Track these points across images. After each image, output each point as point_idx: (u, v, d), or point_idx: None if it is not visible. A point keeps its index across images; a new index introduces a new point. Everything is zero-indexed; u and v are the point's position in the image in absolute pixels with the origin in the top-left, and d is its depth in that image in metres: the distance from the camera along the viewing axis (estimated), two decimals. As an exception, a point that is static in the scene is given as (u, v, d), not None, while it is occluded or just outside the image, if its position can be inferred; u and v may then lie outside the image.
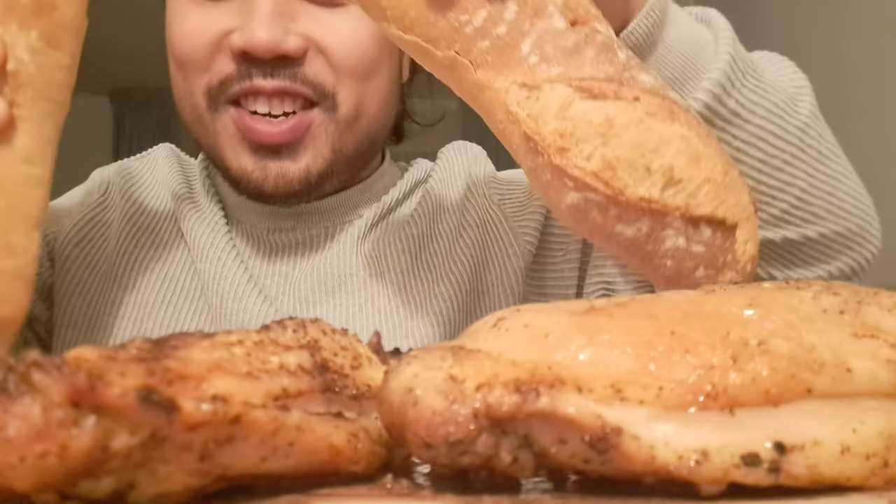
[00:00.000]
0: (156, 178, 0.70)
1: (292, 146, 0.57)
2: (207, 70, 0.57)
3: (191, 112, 0.60)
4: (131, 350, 0.25)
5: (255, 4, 0.55)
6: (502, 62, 0.35)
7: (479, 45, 0.36)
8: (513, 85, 0.36)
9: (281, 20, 0.55)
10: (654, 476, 0.25)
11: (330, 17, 0.57)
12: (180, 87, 0.60)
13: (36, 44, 0.40)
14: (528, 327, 0.28)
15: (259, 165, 0.57)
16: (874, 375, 0.27)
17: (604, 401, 0.25)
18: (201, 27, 0.57)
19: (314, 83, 0.56)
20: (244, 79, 0.56)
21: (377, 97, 0.61)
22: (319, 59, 0.56)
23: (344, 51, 0.57)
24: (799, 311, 0.29)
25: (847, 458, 0.25)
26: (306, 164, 0.58)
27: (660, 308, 0.29)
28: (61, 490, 0.22)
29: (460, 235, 0.67)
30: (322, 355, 0.30)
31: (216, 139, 0.59)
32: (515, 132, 0.36)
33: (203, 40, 0.57)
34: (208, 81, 0.57)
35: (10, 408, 0.21)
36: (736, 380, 0.26)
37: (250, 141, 0.57)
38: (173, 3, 0.59)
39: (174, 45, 0.59)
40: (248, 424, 0.25)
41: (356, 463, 0.28)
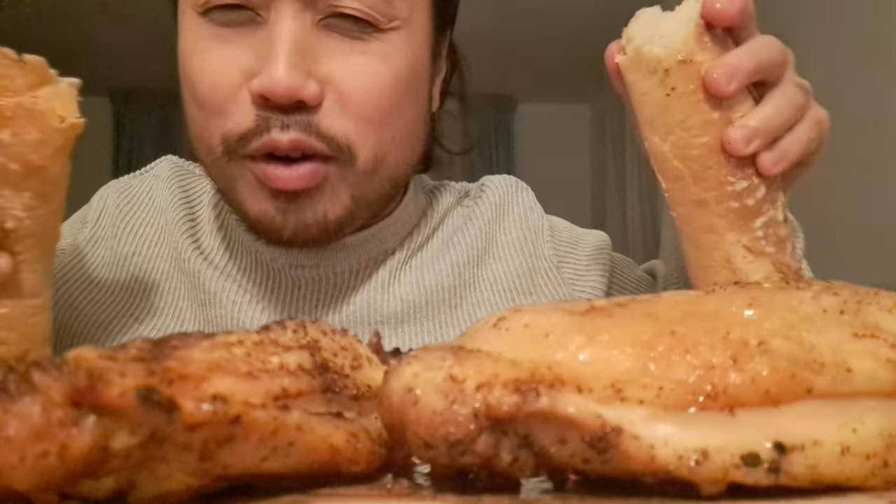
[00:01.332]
0: (156, 208, 0.67)
1: (310, 192, 0.54)
2: (226, 116, 0.54)
3: (207, 153, 0.56)
4: (131, 350, 0.25)
5: (276, 41, 0.51)
6: (738, 224, 0.42)
7: (730, 203, 0.42)
8: (738, 244, 0.42)
9: (302, 60, 0.51)
10: (654, 476, 0.25)
11: (351, 55, 0.54)
12: (198, 125, 0.56)
13: (30, 202, 0.43)
14: (528, 327, 0.28)
15: (279, 209, 0.55)
16: (874, 375, 0.27)
17: (604, 401, 0.25)
18: (222, 67, 0.53)
19: (328, 137, 0.53)
20: (262, 133, 0.52)
21: (397, 142, 0.57)
22: (336, 108, 0.53)
23: (362, 97, 0.54)
24: (799, 311, 0.29)
25: (847, 458, 0.25)
26: (324, 210, 0.55)
27: (660, 308, 0.29)
28: (61, 490, 0.22)
29: (509, 292, 0.64)
30: (322, 356, 0.30)
31: (233, 184, 0.56)
32: (725, 276, 0.42)
33: (224, 81, 0.53)
34: (226, 132, 0.54)
35: (11, 407, 0.21)
36: (736, 380, 0.26)
37: (269, 188, 0.54)
38: (189, 32, 0.55)
39: (193, 84, 0.55)
40: (248, 424, 0.25)
41: (356, 463, 0.28)
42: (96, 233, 0.66)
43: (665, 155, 0.42)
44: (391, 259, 0.64)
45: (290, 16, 0.52)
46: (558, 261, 0.66)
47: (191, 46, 0.55)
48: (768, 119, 0.41)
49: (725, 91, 0.40)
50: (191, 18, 0.55)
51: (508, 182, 0.71)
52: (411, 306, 0.62)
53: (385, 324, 0.62)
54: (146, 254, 0.64)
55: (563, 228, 0.70)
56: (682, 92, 0.41)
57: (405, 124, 0.57)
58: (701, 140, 0.41)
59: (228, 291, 0.61)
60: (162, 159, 0.71)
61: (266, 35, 0.52)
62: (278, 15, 0.52)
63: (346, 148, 0.54)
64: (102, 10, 3.09)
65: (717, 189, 0.41)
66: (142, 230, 0.65)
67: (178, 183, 0.68)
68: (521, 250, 0.66)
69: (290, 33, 0.51)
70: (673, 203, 0.44)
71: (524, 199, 0.70)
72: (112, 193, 0.68)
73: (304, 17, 0.52)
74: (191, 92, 0.55)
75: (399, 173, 0.60)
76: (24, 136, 0.42)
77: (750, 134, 0.41)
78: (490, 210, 0.68)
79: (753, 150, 0.41)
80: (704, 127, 0.41)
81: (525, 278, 0.65)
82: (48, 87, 0.44)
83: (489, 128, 4.38)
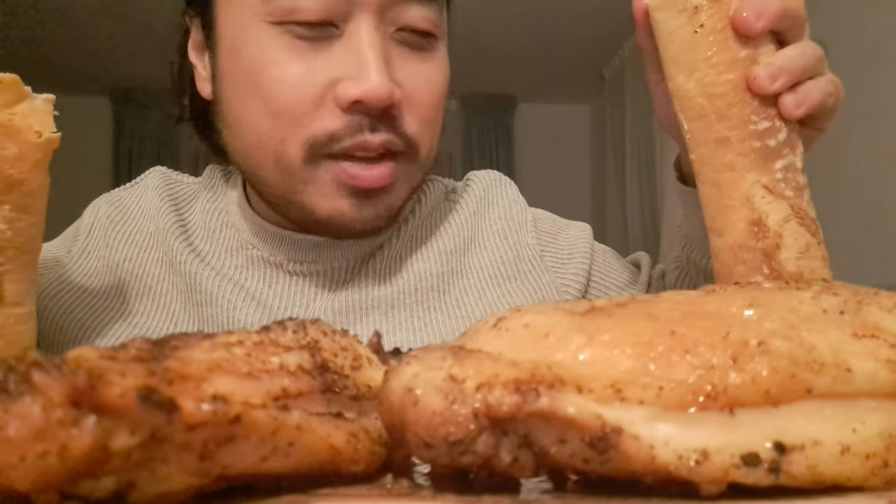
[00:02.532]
0: (145, 215, 0.68)
1: (387, 189, 0.58)
2: (310, 123, 0.55)
3: (277, 160, 0.57)
4: (131, 350, 0.25)
5: (366, 50, 0.54)
6: (759, 164, 0.42)
7: (752, 142, 0.42)
8: (758, 183, 0.42)
9: (388, 68, 0.55)
10: (654, 476, 0.25)
11: (417, 64, 0.58)
12: (268, 134, 0.56)
13: (10, 214, 0.45)
14: (528, 327, 0.28)
15: (356, 206, 0.57)
16: (874, 375, 0.27)
17: (604, 401, 0.25)
18: (304, 77, 0.55)
19: (407, 137, 0.57)
20: (355, 133, 0.55)
21: (438, 136, 0.63)
22: (407, 109, 0.57)
23: (430, 102, 0.59)
24: (799, 311, 0.29)
25: (847, 458, 0.25)
26: (391, 203, 0.59)
27: (660, 308, 0.29)
28: (61, 490, 0.22)
29: (495, 279, 0.67)
30: (322, 356, 0.30)
31: (305, 187, 0.57)
32: (744, 214, 0.43)
33: (308, 91, 0.54)
34: (311, 136, 0.55)
35: (11, 408, 0.21)
36: (736, 380, 0.26)
37: (352, 186, 0.56)
38: (260, 43, 0.56)
39: (269, 94, 0.55)
40: (248, 424, 0.25)
41: (356, 463, 0.28)
42: (88, 244, 0.67)
43: (689, 93, 0.43)
44: (382, 251, 0.66)
45: (372, 27, 0.55)
46: (541, 249, 0.69)
47: (264, 58, 0.56)
48: (793, 59, 0.43)
49: (753, 28, 0.42)
50: (260, 29, 0.56)
51: (492, 176, 0.75)
52: (401, 292, 0.64)
53: (376, 309, 0.63)
54: (137, 259, 0.66)
55: (546, 219, 0.73)
56: (710, 29, 0.42)
57: (441, 118, 0.63)
58: (726, 77, 0.42)
59: (224, 290, 0.62)
60: (151, 170, 0.73)
61: (350, 46, 0.55)
62: (359, 27, 0.55)
63: (415, 146, 0.58)
64: (102, 11, 3.09)
65: (739, 127, 0.42)
66: (132, 237, 0.67)
67: (166, 191, 0.70)
68: (505, 239, 0.69)
69: (378, 43, 0.55)
70: (693, 143, 0.44)
71: (508, 191, 0.73)
72: (103, 206, 0.70)
73: (381, 29, 0.56)
74: (264, 102, 0.56)
75: (431, 163, 0.64)
76: (2, 151, 0.44)
77: (776, 72, 0.42)
78: (475, 202, 0.72)
79: (778, 88, 0.42)
80: (731, 65, 0.42)
81: (510, 265, 0.68)
82: (24, 103, 0.45)
83: (489, 128, 4.38)
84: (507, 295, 0.66)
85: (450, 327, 0.64)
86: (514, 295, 0.66)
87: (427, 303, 0.65)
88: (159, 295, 0.64)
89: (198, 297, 0.63)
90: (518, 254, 0.68)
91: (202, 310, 0.63)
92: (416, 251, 0.67)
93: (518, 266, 0.68)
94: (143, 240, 0.67)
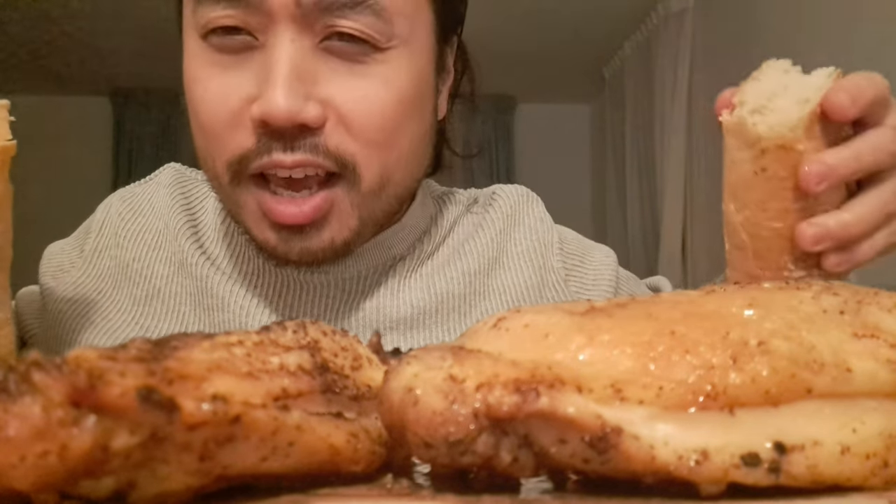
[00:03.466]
0: (155, 213, 0.67)
1: (316, 224, 0.54)
2: (228, 142, 0.53)
3: (213, 179, 0.57)
4: (131, 350, 0.25)
5: (274, 65, 0.51)
6: None
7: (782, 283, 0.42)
8: None
9: (301, 84, 0.51)
10: (654, 476, 0.25)
11: (351, 78, 0.53)
12: (202, 150, 0.56)
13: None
14: (528, 327, 0.28)
15: (282, 241, 0.54)
16: (874, 375, 0.27)
17: (604, 401, 0.25)
18: (222, 95, 0.53)
19: (336, 155, 0.53)
20: (263, 154, 0.52)
21: (403, 161, 0.57)
22: (339, 129, 0.53)
23: (365, 120, 0.53)
24: (799, 311, 0.29)
25: (847, 458, 0.25)
26: (331, 237, 0.55)
27: (660, 308, 0.29)
28: (61, 490, 0.22)
29: (518, 302, 0.64)
30: (322, 356, 0.30)
31: (239, 210, 0.56)
32: None
33: (225, 109, 0.53)
34: (229, 156, 0.54)
35: (11, 407, 0.21)
36: (736, 380, 0.26)
37: (270, 220, 0.54)
38: (192, 58, 0.55)
39: (196, 112, 0.54)
40: (248, 424, 0.25)
41: (356, 463, 0.28)
42: (100, 242, 0.66)
43: (735, 225, 0.42)
44: (400, 265, 0.63)
45: (287, 39, 0.51)
46: (566, 273, 0.66)
47: (193, 73, 0.55)
48: (846, 226, 0.40)
49: (814, 190, 0.39)
50: (193, 43, 0.55)
51: (520, 192, 0.71)
52: (421, 312, 0.62)
53: (395, 329, 0.61)
54: (146, 259, 0.64)
55: (572, 240, 0.70)
56: (771, 175, 0.40)
57: (410, 143, 0.57)
58: (773, 225, 0.41)
59: (237, 296, 0.61)
60: (165, 167, 0.71)
61: (264, 60, 0.52)
62: (276, 39, 0.51)
63: (351, 167, 0.53)
64: (102, 11, 3.09)
65: (773, 271, 0.42)
66: (141, 236, 0.66)
67: (179, 189, 0.68)
68: (530, 262, 0.66)
69: (288, 57, 0.51)
70: (730, 263, 0.44)
71: (535, 210, 0.70)
72: (115, 202, 0.69)
73: (303, 40, 0.51)
74: (194, 119, 0.55)
75: (405, 190, 0.59)
76: None
77: (822, 235, 0.40)
78: (501, 220, 0.68)
79: (821, 249, 0.40)
80: (781, 214, 0.41)
81: (534, 290, 0.65)
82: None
83: (489, 128, 4.38)
84: None
85: None
86: None
87: (448, 324, 0.62)
88: (168, 297, 0.63)
89: (209, 301, 0.62)
90: (542, 278, 0.66)
91: (213, 315, 0.61)
92: (438, 269, 0.64)
93: (542, 291, 0.65)
94: (152, 238, 0.65)
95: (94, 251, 0.66)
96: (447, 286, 0.63)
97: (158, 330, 0.62)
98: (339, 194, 0.54)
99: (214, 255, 0.64)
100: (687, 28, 2.96)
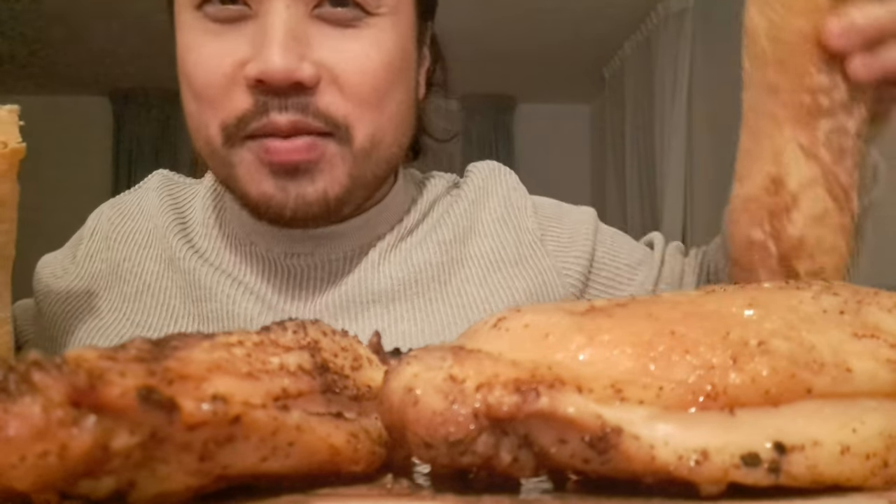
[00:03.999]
0: (144, 215, 0.69)
1: (309, 167, 0.56)
2: (224, 105, 0.55)
3: (205, 145, 0.58)
4: (131, 350, 0.25)
5: (269, 29, 0.53)
6: (802, 120, 0.40)
7: (802, 96, 0.40)
8: (794, 141, 0.40)
9: (297, 45, 0.53)
10: (654, 476, 0.25)
11: (343, 41, 0.55)
12: (195, 118, 0.58)
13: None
14: (528, 327, 0.28)
15: (279, 188, 0.56)
16: (874, 375, 0.27)
17: (604, 401, 0.25)
18: (217, 58, 0.55)
19: (326, 115, 0.55)
20: (261, 115, 0.54)
21: (393, 124, 0.59)
22: (332, 89, 0.55)
23: (357, 79, 0.55)
24: (799, 311, 0.29)
25: (847, 458, 0.25)
26: (324, 187, 0.56)
27: (660, 308, 0.29)
28: (61, 490, 0.22)
29: (495, 264, 0.66)
30: (322, 356, 0.30)
31: (233, 170, 0.57)
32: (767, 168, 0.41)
33: (219, 72, 0.55)
34: (224, 118, 0.55)
35: (11, 407, 0.21)
36: (736, 380, 0.26)
37: (269, 163, 0.55)
38: (186, 29, 0.57)
39: (189, 77, 0.56)
40: (248, 424, 0.25)
41: (356, 463, 0.28)
42: (91, 247, 0.68)
43: (757, 30, 0.40)
44: (381, 242, 0.65)
45: (283, 6, 0.53)
46: (541, 234, 0.68)
47: (187, 42, 0.57)
48: (876, 20, 0.39)
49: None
50: (187, 15, 0.56)
51: (491, 166, 0.73)
52: (401, 284, 0.64)
53: (376, 302, 0.63)
54: (136, 258, 0.66)
55: (547, 205, 0.72)
56: None
57: (398, 107, 0.59)
58: (797, 23, 0.39)
59: (223, 286, 0.63)
60: (154, 174, 0.74)
61: (259, 25, 0.54)
62: (271, 6, 0.53)
63: (343, 127, 0.56)
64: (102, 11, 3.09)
65: (794, 78, 0.39)
66: (131, 237, 0.68)
67: (167, 192, 0.70)
68: (504, 225, 0.68)
69: (283, 21, 0.53)
70: (747, 84, 0.42)
71: (507, 180, 0.72)
72: (106, 209, 0.71)
73: (297, 6, 0.54)
74: (188, 86, 0.57)
75: (393, 155, 0.61)
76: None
77: (849, 28, 0.38)
78: (473, 192, 0.70)
79: (846, 45, 0.38)
80: (806, 10, 0.39)
81: (510, 250, 0.67)
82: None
83: (489, 128, 4.38)
84: (508, 280, 0.65)
85: (452, 317, 0.63)
86: (515, 280, 0.65)
87: (428, 294, 0.64)
88: (158, 292, 0.64)
89: (197, 293, 0.63)
90: (518, 238, 0.67)
91: (202, 305, 0.63)
92: (415, 243, 0.66)
93: (519, 250, 0.67)
94: (142, 238, 0.67)
95: (85, 256, 0.68)
96: (424, 256, 0.65)
97: (149, 324, 0.63)
98: (332, 148, 0.56)
99: (203, 249, 0.66)
100: (687, 28, 2.96)
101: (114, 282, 0.66)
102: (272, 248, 0.64)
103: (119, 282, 0.65)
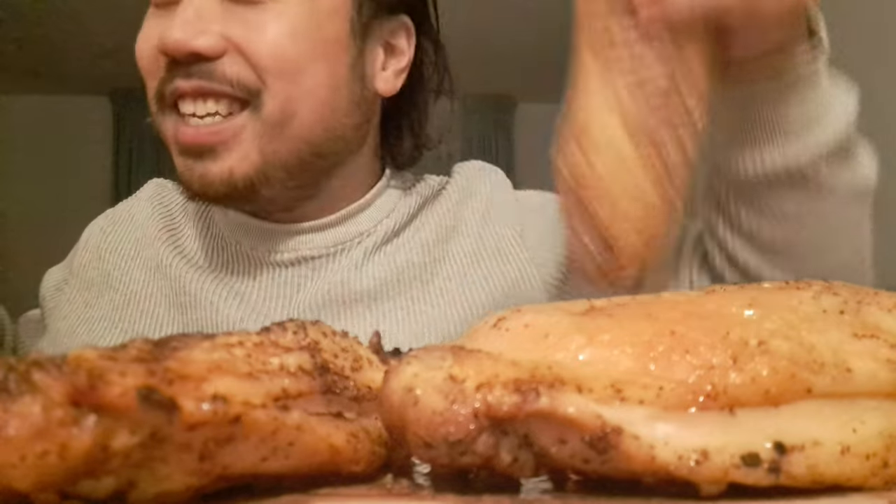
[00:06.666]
0: (134, 224, 0.72)
1: (214, 148, 0.59)
2: (154, 75, 0.61)
3: (153, 115, 0.63)
4: (131, 350, 0.25)
5: (179, 9, 0.58)
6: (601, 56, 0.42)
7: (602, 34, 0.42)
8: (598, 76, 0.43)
9: (198, 21, 0.58)
10: (654, 476, 0.25)
11: (252, 14, 0.59)
12: (147, 91, 0.63)
13: None
14: (528, 327, 0.28)
15: (186, 166, 0.60)
16: (874, 375, 0.27)
17: (604, 401, 0.25)
18: (149, 38, 0.61)
19: (233, 81, 0.58)
20: (170, 81, 0.59)
21: (310, 99, 0.60)
22: (238, 58, 0.58)
23: (264, 49, 0.58)
24: (799, 311, 0.29)
25: (847, 458, 0.25)
26: (229, 166, 0.59)
27: (660, 308, 0.29)
28: (61, 489, 0.22)
29: (476, 262, 0.66)
30: (322, 357, 0.30)
31: (165, 140, 0.62)
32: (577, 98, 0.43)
33: (148, 47, 0.61)
34: (153, 85, 0.61)
35: (11, 407, 0.21)
36: (736, 380, 0.26)
37: (177, 142, 0.60)
38: (144, 23, 0.63)
39: (136, 53, 0.62)
40: (248, 424, 0.25)
41: (356, 463, 0.28)
42: (84, 257, 0.71)
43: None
44: (366, 241, 0.66)
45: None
46: (521, 227, 0.68)
47: (142, 26, 0.63)
48: None
49: None
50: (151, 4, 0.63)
51: (476, 165, 0.75)
52: (384, 284, 0.64)
53: (359, 301, 0.64)
54: (124, 267, 0.68)
55: (532, 197, 0.72)
56: None
57: (315, 84, 0.61)
58: None
59: (207, 291, 0.64)
60: (149, 182, 0.76)
61: (178, 7, 0.59)
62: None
63: (255, 93, 0.59)
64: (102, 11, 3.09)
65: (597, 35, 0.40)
66: (120, 246, 0.70)
67: (158, 200, 0.72)
68: (486, 223, 0.69)
69: (191, 3, 0.58)
70: None
71: (490, 178, 0.73)
72: (100, 220, 0.74)
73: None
74: (138, 63, 0.63)
75: (316, 137, 0.62)
76: None
77: None
78: (458, 192, 0.71)
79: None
80: None
81: (490, 246, 0.67)
82: None
83: (489, 128, 4.38)
84: (486, 274, 0.66)
85: (434, 316, 0.63)
86: (494, 274, 0.66)
87: (410, 293, 0.65)
88: (144, 299, 0.66)
89: (183, 299, 0.65)
90: (499, 233, 0.68)
91: (187, 312, 0.64)
92: (400, 244, 0.67)
93: (498, 245, 0.67)
94: (131, 247, 0.69)
95: (80, 266, 0.70)
96: (408, 257, 0.66)
97: (134, 331, 0.64)
98: (241, 123, 0.59)
99: (192, 253, 0.67)
100: (687, 28, 2.95)
101: (104, 290, 0.67)
102: (257, 247, 0.66)
103: (109, 291, 0.67)
